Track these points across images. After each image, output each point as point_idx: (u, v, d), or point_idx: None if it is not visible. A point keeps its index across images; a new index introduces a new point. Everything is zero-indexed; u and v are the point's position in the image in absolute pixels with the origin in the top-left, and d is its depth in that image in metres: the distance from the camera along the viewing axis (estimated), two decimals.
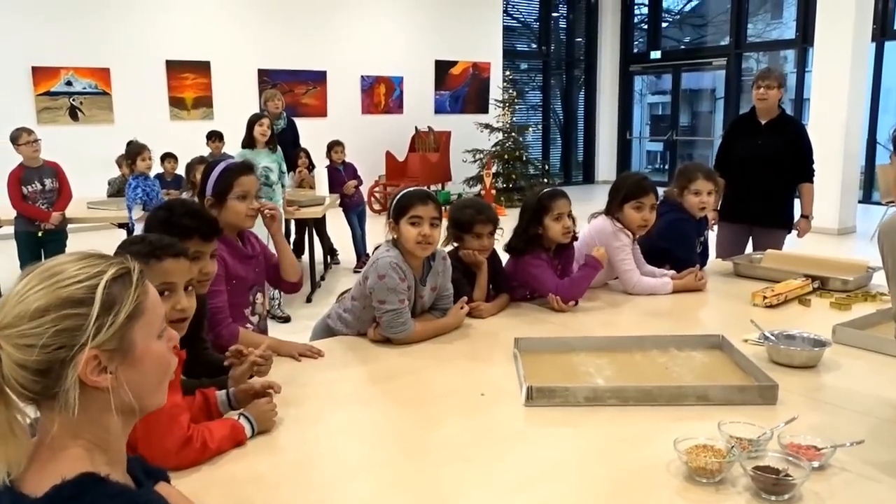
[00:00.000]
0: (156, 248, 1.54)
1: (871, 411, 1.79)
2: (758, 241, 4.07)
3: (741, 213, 4.10)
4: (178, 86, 9.33)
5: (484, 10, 12.12)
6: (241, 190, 2.27)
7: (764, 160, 4.03)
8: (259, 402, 1.66)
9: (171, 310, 1.54)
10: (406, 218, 2.31)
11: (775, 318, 2.55)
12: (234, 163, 2.35)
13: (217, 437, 1.51)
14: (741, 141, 4.15)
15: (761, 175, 4.02)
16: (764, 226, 4.09)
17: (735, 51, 12.30)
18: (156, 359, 0.99)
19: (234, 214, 2.27)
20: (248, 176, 2.31)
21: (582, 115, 14.42)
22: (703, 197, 3.28)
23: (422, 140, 11.07)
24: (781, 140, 4.05)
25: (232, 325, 2.19)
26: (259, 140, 5.29)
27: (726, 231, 4.17)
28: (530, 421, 1.78)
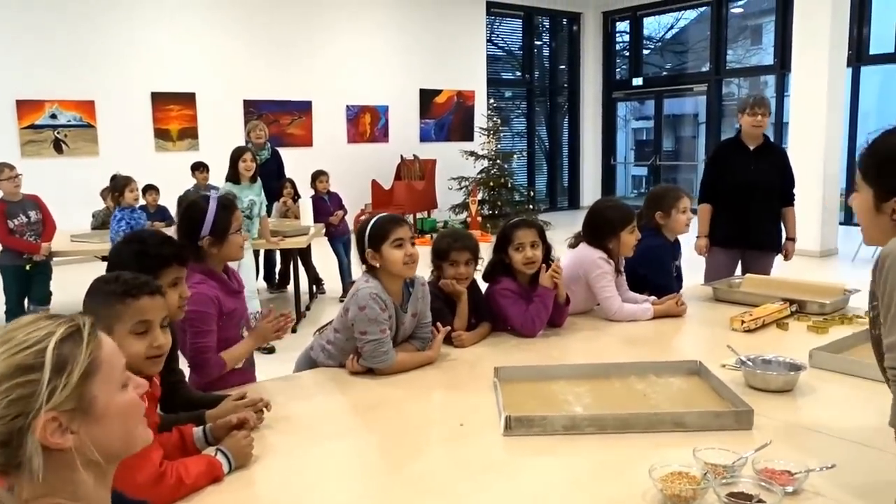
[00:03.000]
0: (132, 287, 1.54)
1: (845, 435, 1.81)
2: (748, 265, 4.13)
3: (735, 238, 4.15)
4: (164, 117, 9.36)
5: (467, 40, 12.28)
6: (237, 224, 2.35)
7: (757, 185, 4.10)
8: (236, 437, 1.66)
9: (148, 347, 1.54)
10: (389, 242, 2.34)
11: (754, 343, 2.58)
12: (224, 198, 2.39)
13: (193, 474, 1.51)
14: (733, 167, 4.19)
15: (755, 200, 4.09)
16: (755, 249, 4.15)
17: (715, 77, 12.50)
18: (122, 410, 0.98)
19: (234, 248, 2.33)
20: (238, 210, 2.41)
21: (566, 142, 14.56)
22: (689, 213, 3.38)
23: (407, 168, 11.14)
24: (771, 165, 4.15)
25: (219, 359, 2.20)
26: (244, 174, 5.31)
27: (719, 256, 4.21)
28: (509, 451, 1.79)
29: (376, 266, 2.37)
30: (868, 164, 1.51)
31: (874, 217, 1.50)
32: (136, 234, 2.05)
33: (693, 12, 13.49)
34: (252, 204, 5.31)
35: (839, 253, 8.72)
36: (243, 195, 5.27)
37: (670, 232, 3.42)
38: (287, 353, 4.77)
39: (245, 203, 5.26)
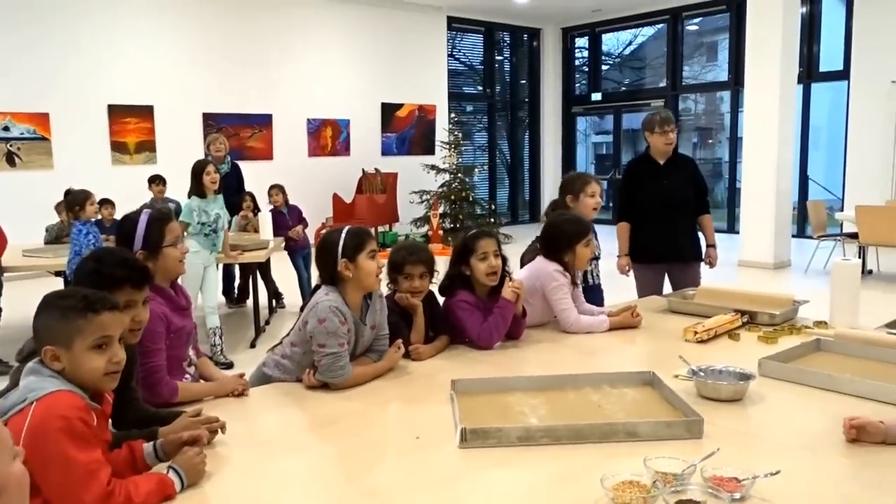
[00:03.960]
0: (93, 302, 1.52)
1: (791, 442, 1.85)
2: (675, 278, 4.23)
3: (657, 253, 4.24)
4: (121, 130, 9.22)
5: (429, 54, 12.36)
6: (173, 236, 2.28)
7: (671, 200, 4.20)
8: (188, 453, 1.63)
9: (107, 363, 1.53)
10: (365, 253, 2.36)
11: (706, 353, 2.63)
12: (156, 211, 2.34)
13: (143, 492, 1.48)
14: (646, 184, 4.28)
15: (671, 214, 4.19)
16: (678, 262, 4.25)
17: (672, 92, 12.77)
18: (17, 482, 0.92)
19: (171, 261, 2.27)
20: (174, 221, 2.35)
21: (527, 156, 14.71)
22: (596, 198, 3.62)
23: (369, 182, 11.13)
24: (683, 178, 4.24)
25: (171, 382, 2.15)
26: (209, 188, 5.24)
27: (645, 272, 4.31)
28: (465, 463, 1.79)
29: (348, 277, 2.36)
30: None
31: None
32: (97, 252, 2.02)
33: (650, 29, 13.77)
34: (218, 217, 5.24)
35: (792, 265, 8.95)
36: (210, 209, 5.21)
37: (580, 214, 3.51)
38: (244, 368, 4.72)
39: (212, 216, 5.21)
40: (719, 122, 13.52)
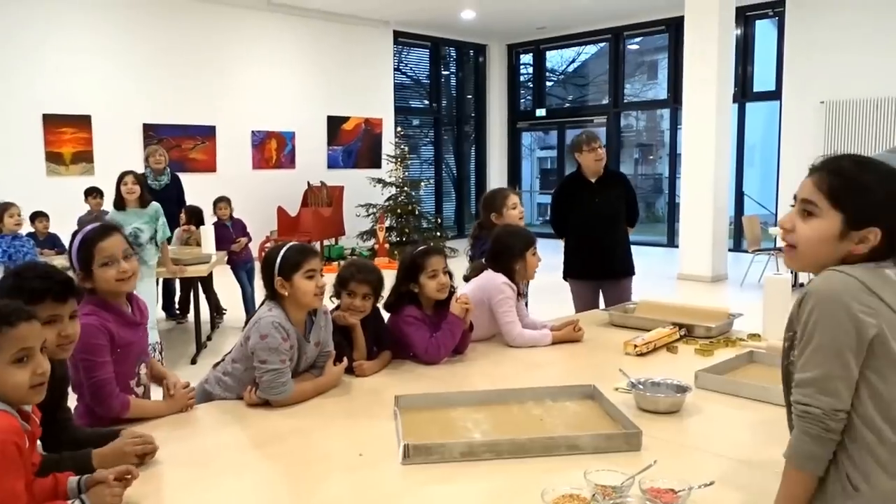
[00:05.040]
0: (7, 315, 1.46)
1: (726, 452, 1.91)
2: (608, 293, 4.32)
3: (588, 270, 4.33)
4: (56, 140, 8.94)
5: (375, 68, 12.36)
6: (105, 256, 2.13)
7: (603, 217, 4.30)
8: (99, 489, 1.56)
9: (32, 375, 1.47)
10: (301, 273, 2.33)
11: (645, 366, 2.69)
12: (91, 229, 2.21)
13: None
14: (577, 202, 4.39)
15: (603, 231, 4.29)
16: (611, 279, 4.34)
17: (613, 109, 13.05)
18: None
19: (104, 282, 2.13)
20: (110, 238, 2.16)
21: (473, 170, 14.82)
22: (519, 209, 3.69)
23: (314, 195, 11.04)
24: (614, 195, 4.35)
25: (121, 395, 2.08)
26: (128, 199, 5.10)
27: (577, 288, 4.39)
28: (408, 479, 1.79)
29: (284, 295, 2.34)
30: (838, 188, 1.45)
31: (833, 244, 1.45)
32: (18, 267, 1.93)
33: (594, 47, 14.07)
34: (137, 232, 5.07)
35: (729, 278, 9.22)
36: (127, 222, 5.06)
37: None
38: None
39: (128, 230, 5.05)
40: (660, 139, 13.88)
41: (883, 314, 1.38)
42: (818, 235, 1.46)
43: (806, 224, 1.48)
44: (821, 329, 1.38)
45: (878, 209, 1.44)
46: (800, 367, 1.42)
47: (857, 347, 1.37)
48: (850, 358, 1.37)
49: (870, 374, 1.38)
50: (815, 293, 1.40)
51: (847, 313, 1.37)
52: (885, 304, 1.39)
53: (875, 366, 1.38)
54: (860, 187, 1.45)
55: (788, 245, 1.52)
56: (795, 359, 1.45)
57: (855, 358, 1.37)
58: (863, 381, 1.38)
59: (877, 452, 1.36)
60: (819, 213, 1.47)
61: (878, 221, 1.43)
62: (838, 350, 1.37)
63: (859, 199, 1.44)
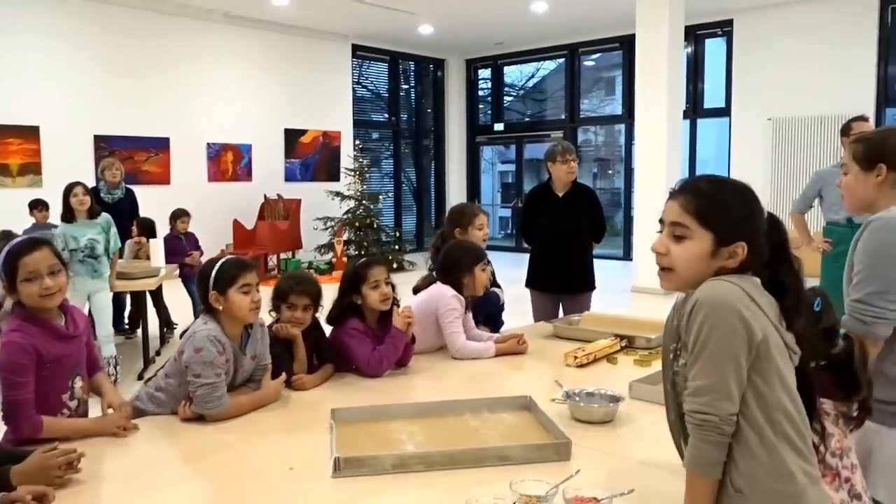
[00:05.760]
0: None
1: (654, 461, 1.94)
2: (567, 306, 4.35)
3: (548, 282, 4.37)
4: (2, 151, 8.72)
5: (334, 81, 12.34)
6: (27, 271, 2.07)
7: (566, 231, 4.33)
8: None
9: None
10: (236, 287, 2.32)
11: (584, 377, 2.73)
12: (18, 243, 2.16)
13: None
14: (542, 214, 4.42)
15: (565, 245, 4.32)
16: (570, 293, 4.37)
17: (570, 124, 13.23)
18: None
19: (27, 297, 2.08)
20: (35, 253, 2.10)
21: (433, 183, 14.87)
22: (485, 230, 3.69)
23: (271, 208, 10.95)
24: (580, 209, 4.38)
25: (34, 417, 2.02)
26: (79, 210, 5.03)
27: (538, 298, 4.43)
28: (339, 493, 1.79)
29: (219, 309, 2.33)
30: (705, 209, 1.51)
31: (707, 262, 1.51)
32: None
33: (552, 63, 14.25)
34: (93, 243, 5.01)
35: None
36: (79, 234, 4.99)
37: None
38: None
39: (82, 242, 4.99)
40: (618, 154, 14.09)
41: (761, 319, 1.45)
42: (692, 256, 1.52)
43: (679, 246, 1.54)
44: (716, 335, 1.42)
45: (741, 224, 1.51)
46: (694, 374, 1.46)
47: (747, 351, 1.43)
48: (742, 361, 1.43)
49: (755, 377, 1.45)
50: (706, 302, 1.44)
51: (739, 318, 1.42)
52: (762, 311, 1.46)
53: (759, 368, 1.45)
54: (724, 205, 1.52)
55: (664, 268, 1.57)
56: (683, 368, 1.50)
57: (745, 361, 1.43)
58: (749, 384, 1.45)
59: (757, 453, 1.42)
60: (690, 235, 1.53)
61: (743, 236, 1.50)
62: (733, 354, 1.42)
63: (725, 216, 1.51)
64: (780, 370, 1.45)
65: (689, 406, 1.46)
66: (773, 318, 1.48)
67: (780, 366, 1.45)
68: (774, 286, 1.52)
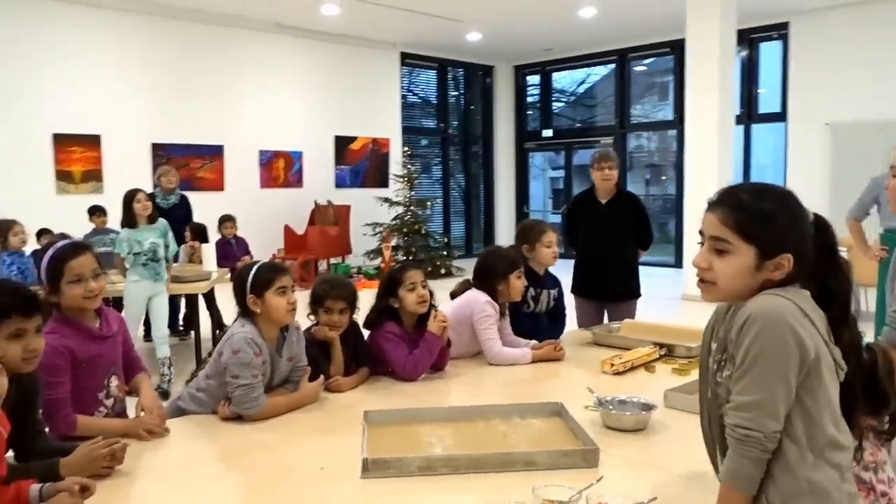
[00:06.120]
0: None
1: (683, 470, 1.93)
2: (611, 314, 4.29)
3: (591, 289, 4.32)
4: (66, 159, 9.10)
5: (383, 89, 12.49)
6: (73, 274, 2.18)
7: (608, 238, 4.28)
8: (61, 497, 1.61)
9: None
10: (273, 290, 2.39)
11: (620, 385, 2.71)
12: (63, 246, 2.27)
13: None
14: (585, 221, 4.40)
15: (607, 252, 4.27)
16: (614, 300, 4.32)
17: (619, 130, 13.09)
18: None
19: (70, 299, 2.19)
20: (80, 257, 2.21)
21: (482, 189, 14.90)
22: (554, 248, 3.57)
23: (321, 214, 11.14)
24: (623, 216, 4.32)
25: (69, 415, 2.12)
26: (141, 215, 5.22)
27: (581, 305, 4.39)
28: (366, 493, 1.82)
29: (256, 312, 2.40)
30: (745, 222, 1.46)
31: (751, 276, 1.47)
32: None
33: (604, 68, 14.12)
34: (155, 246, 5.21)
35: None
36: (142, 238, 5.19)
37: (537, 265, 3.57)
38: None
39: (146, 246, 5.18)
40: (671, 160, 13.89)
41: (814, 337, 1.41)
42: (736, 271, 1.48)
43: (722, 261, 1.49)
44: (767, 352, 1.39)
45: (785, 235, 1.46)
46: (739, 390, 1.43)
47: (798, 370, 1.39)
48: (792, 380, 1.39)
49: (804, 395, 1.41)
50: (760, 317, 1.40)
51: (793, 336, 1.38)
52: (815, 327, 1.42)
53: (809, 387, 1.41)
54: (765, 217, 1.46)
55: (705, 281, 1.53)
56: (728, 381, 1.47)
57: (795, 380, 1.40)
58: (796, 402, 1.41)
59: (797, 471, 1.39)
60: (732, 250, 1.48)
61: (788, 247, 1.46)
62: (784, 373, 1.39)
63: (767, 229, 1.46)
64: (828, 388, 1.42)
65: (732, 420, 1.43)
66: (824, 333, 1.43)
67: (828, 384, 1.42)
68: (822, 295, 1.47)
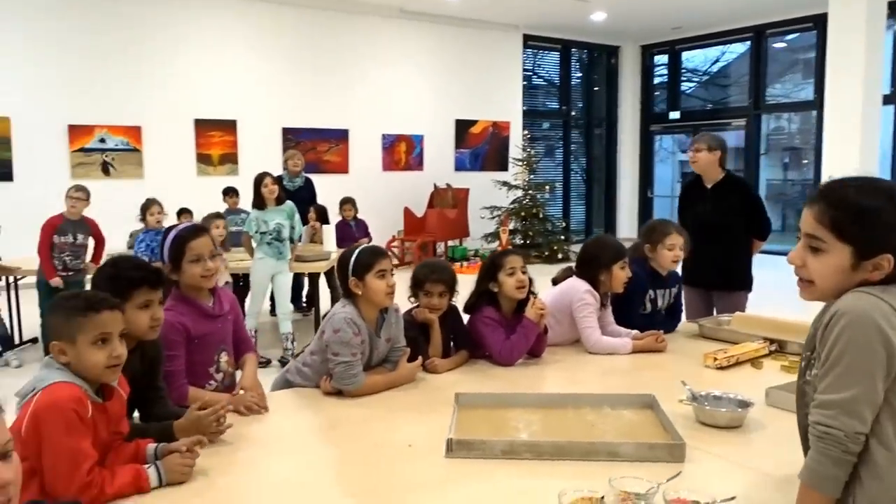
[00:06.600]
0: (94, 302, 1.71)
1: (771, 471, 1.86)
2: (720, 305, 4.12)
3: (698, 277, 4.15)
4: (206, 143, 9.76)
5: (504, 71, 12.49)
6: (194, 254, 2.35)
7: (712, 225, 4.09)
8: (173, 457, 1.77)
9: (108, 357, 1.70)
10: (373, 273, 2.49)
11: (722, 380, 2.63)
12: (184, 228, 2.46)
13: (117, 484, 1.65)
14: (690, 206, 4.24)
15: (712, 240, 4.05)
16: (721, 290, 4.14)
17: (754, 111, 12.42)
18: None
19: (189, 277, 2.36)
20: (200, 238, 2.39)
21: (603, 173, 14.60)
22: (676, 251, 3.39)
23: (440, 196, 11.33)
24: (726, 204, 4.11)
25: (182, 386, 2.30)
26: (268, 198, 5.55)
27: (690, 295, 4.22)
28: (449, 471, 1.88)
29: (357, 293, 2.52)
30: (841, 221, 1.40)
31: (848, 275, 1.41)
32: (115, 259, 2.21)
33: (741, 46, 13.42)
34: (280, 227, 5.53)
35: None
36: (269, 219, 5.52)
37: (658, 265, 3.46)
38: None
39: (271, 226, 5.51)
40: (812, 143, 13.03)
41: None
42: (829, 271, 1.42)
43: (816, 260, 1.44)
44: (852, 351, 1.35)
45: (886, 236, 1.38)
46: (824, 387, 1.39)
47: (885, 372, 1.34)
48: (878, 381, 1.34)
49: (893, 398, 1.34)
50: (845, 315, 1.36)
51: (880, 336, 1.33)
52: None
53: None
54: (864, 217, 1.39)
55: (803, 280, 1.48)
56: (814, 379, 1.42)
57: (882, 381, 1.34)
58: (885, 404, 1.34)
59: (886, 476, 1.32)
60: (826, 249, 1.42)
61: (889, 247, 1.37)
62: (868, 372, 1.34)
63: (865, 229, 1.38)
64: None
65: (814, 417, 1.40)
66: None
67: None
68: None
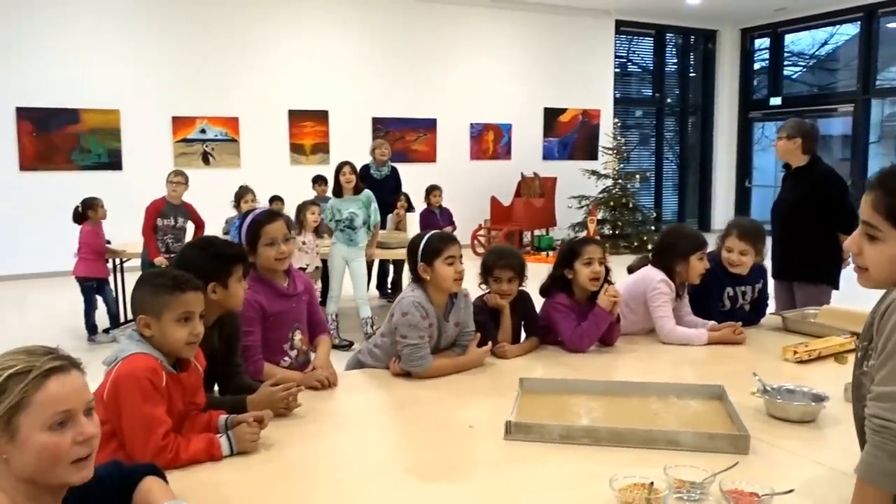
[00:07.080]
0: (180, 282, 1.83)
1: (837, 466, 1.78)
2: (800, 297, 3.92)
3: (782, 269, 3.98)
4: (299, 133, 10.09)
5: (595, 59, 12.28)
6: (268, 237, 2.47)
7: (786, 213, 3.93)
8: (241, 427, 1.87)
9: (188, 334, 1.82)
10: (442, 259, 2.54)
11: (801, 373, 2.55)
12: (260, 213, 2.59)
13: (191, 450, 1.76)
14: (781, 190, 4.09)
15: (788, 228, 3.88)
16: (801, 281, 3.94)
17: (862, 97, 11.72)
18: (37, 449, 1.19)
19: (265, 259, 2.49)
20: (275, 223, 2.50)
21: (698, 162, 14.13)
22: (733, 255, 3.22)
23: (527, 185, 11.28)
24: (801, 191, 3.90)
25: (258, 361, 2.43)
26: (345, 187, 5.70)
27: (777, 287, 4.04)
28: (506, 453, 1.91)
29: (426, 279, 2.57)
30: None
31: None
32: (205, 239, 2.35)
33: (853, 27, 12.68)
34: (353, 216, 5.66)
35: None
36: (343, 207, 5.68)
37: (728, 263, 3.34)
38: None
39: (345, 214, 5.66)
40: None
41: None
42: (885, 259, 1.36)
43: (872, 247, 1.38)
44: None
45: None
46: (880, 379, 1.34)
47: None
48: None
49: None
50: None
51: None
52: None
53: None
54: None
55: (860, 267, 1.42)
56: (871, 370, 1.37)
57: None
58: None
59: None
60: (882, 237, 1.36)
61: None
62: None
63: None
64: None
65: (870, 410, 1.36)
66: None
67: None
68: None
